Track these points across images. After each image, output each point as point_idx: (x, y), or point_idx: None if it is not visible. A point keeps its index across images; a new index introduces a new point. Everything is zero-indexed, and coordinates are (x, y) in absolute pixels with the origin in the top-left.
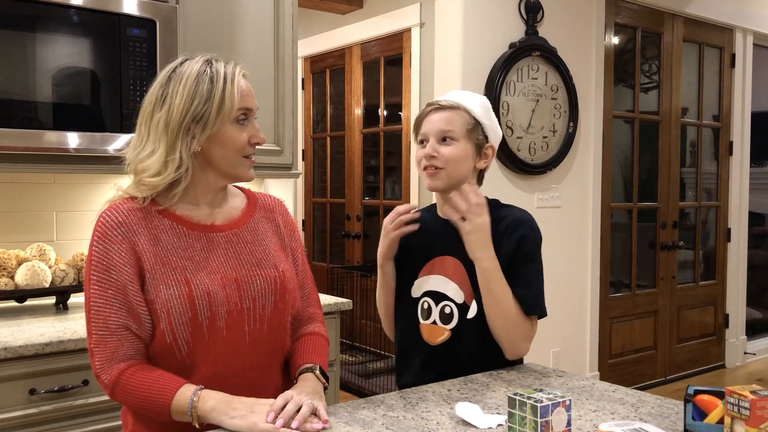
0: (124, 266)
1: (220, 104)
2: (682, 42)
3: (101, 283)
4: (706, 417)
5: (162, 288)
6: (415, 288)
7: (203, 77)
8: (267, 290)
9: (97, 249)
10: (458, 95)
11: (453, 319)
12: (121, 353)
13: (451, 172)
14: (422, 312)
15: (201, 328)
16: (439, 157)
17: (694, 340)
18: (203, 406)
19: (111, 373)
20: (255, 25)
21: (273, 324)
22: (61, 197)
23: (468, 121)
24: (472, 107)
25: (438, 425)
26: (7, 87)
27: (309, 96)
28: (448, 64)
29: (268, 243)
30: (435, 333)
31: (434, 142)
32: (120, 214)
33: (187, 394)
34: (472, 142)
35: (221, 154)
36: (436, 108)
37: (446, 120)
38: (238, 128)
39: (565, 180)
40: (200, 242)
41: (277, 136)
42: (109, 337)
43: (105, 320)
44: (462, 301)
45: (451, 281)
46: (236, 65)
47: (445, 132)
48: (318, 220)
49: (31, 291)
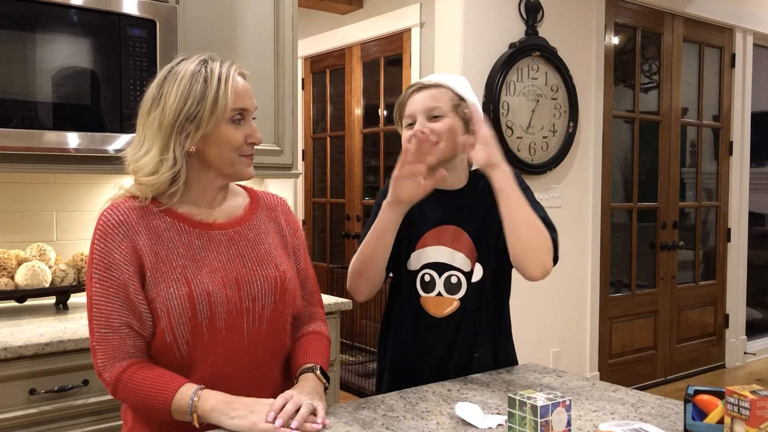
0: (125, 264)
1: (214, 104)
2: (682, 42)
3: (102, 281)
4: (706, 417)
5: (162, 287)
6: (413, 260)
7: (197, 77)
8: (267, 290)
9: (98, 247)
10: (437, 76)
11: (461, 288)
12: (123, 351)
13: (445, 146)
14: (423, 285)
15: (200, 327)
16: (432, 133)
17: (694, 340)
18: (203, 406)
19: (113, 371)
20: (255, 25)
21: (272, 324)
22: (61, 197)
23: (452, 96)
24: (454, 85)
25: (438, 425)
26: (7, 87)
27: (309, 96)
28: (448, 64)
29: (269, 242)
30: (442, 305)
31: (423, 119)
32: (121, 212)
33: (188, 394)
34: (459, 116)
35: (217, 154)
36: (419, 88)
37: (432, 97)
38: (234, 128)
39: (565, 180)
40: (201, 240)
41: (277, 136)
42: (111, 335)
43: (107, 318)
44: (469, 270)
45: (455, 251)
46: (232, 64)
47: (432, 109)
48: (318, 220)
49: (31, 291)
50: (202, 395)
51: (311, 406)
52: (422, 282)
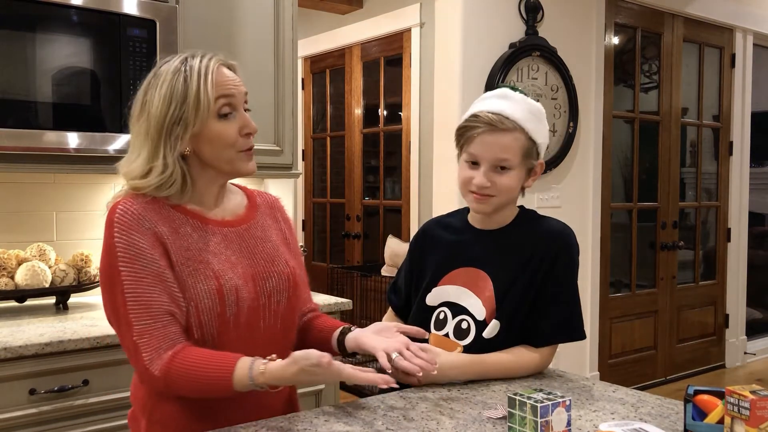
0: (153, 254)
1: (196, 102)
2: (682, 42)
3: (135, 271)
4: (706, 417)
5: (190, 281)
6: (433, 296)
7: (177, 78)
8: (281, 287)
9: (121, 240)
10: (512, 108)
11: (468, 336)
12: (169, 340)
13: (502, 199)
14: (436, 322)
15: (228, 323)
16: (492, 187)
17: (694, 340)
18: (284, 373)
19: (161, 363)
20: (255, 25)
21: (286, 320)
22: (61, 197)
23: (524, 144)
24: (528, 125)
25: (438, 425)
26: (7, 87)
27: (309, 96)
28: (448, 64)
29: (274, 239)
30: (445, 347)
31: (488, 170)
32: (137, 206)
33: (249, 361)
34: (526, 167)
35: (212, 152)
36: (492, 129)
37: (503, 147)
38: (223, 123)
39: (565, 180)
40: (216, 237)
41: (277, 136)
42: (153, 325)
43: (147, 308)
44: (482, 319)
45: (474, 295)
46: (212, 58)
47: (502, 161)
48: (318, 220)
49: (31, 291)
50: (272, 363)
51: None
52: (437, 319)
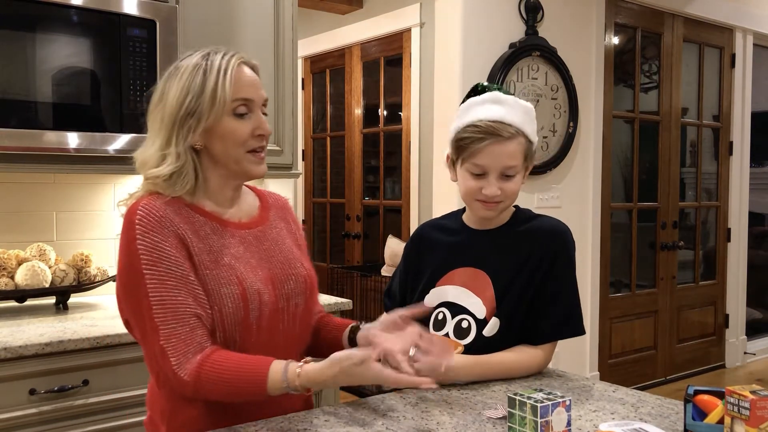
0: (177, 257)
1: (213, 97)
2: (682, 42)
3: (159, 274)
4: (706, 417)
5: (213, 285)
6: (432, 297)
7: (197, 71)
8: (299, 289)
9: (144, 242)
10: (510, 113)
11: (469, 335)
12: (196, 343)
13: (509, 203)
14: (435, 323)
15: (251, 328)
16: (501, 194)
17: (694, 340)
18: (321, 376)
19: (190, 368)
20: (255, 25)
21: (303, 323)
22: (61, 197)
23: (525, 148)
24: (527, 128)
25: (438, 425)
26: (7, 87)
27: (309, 96)
28: (448, 64)
29: (287, 241)
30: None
31: (496, 179)
32: (157, 208)
33: (283, 364)
34: (525, 167)
35: (222, 149)
36: (497, 139)
37: (510, 155)
38: (237, 121)
39: (565, 180)
40: (234, 239)
41: (277, 136)
42: (180, 328)
43: (174, 311)
44: (483, 317)
45: (474, 295)
46: (234, 55)
47: (509, 168)
48: (318, 220)
49: (31, 291)
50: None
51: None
52: (435, 320)
